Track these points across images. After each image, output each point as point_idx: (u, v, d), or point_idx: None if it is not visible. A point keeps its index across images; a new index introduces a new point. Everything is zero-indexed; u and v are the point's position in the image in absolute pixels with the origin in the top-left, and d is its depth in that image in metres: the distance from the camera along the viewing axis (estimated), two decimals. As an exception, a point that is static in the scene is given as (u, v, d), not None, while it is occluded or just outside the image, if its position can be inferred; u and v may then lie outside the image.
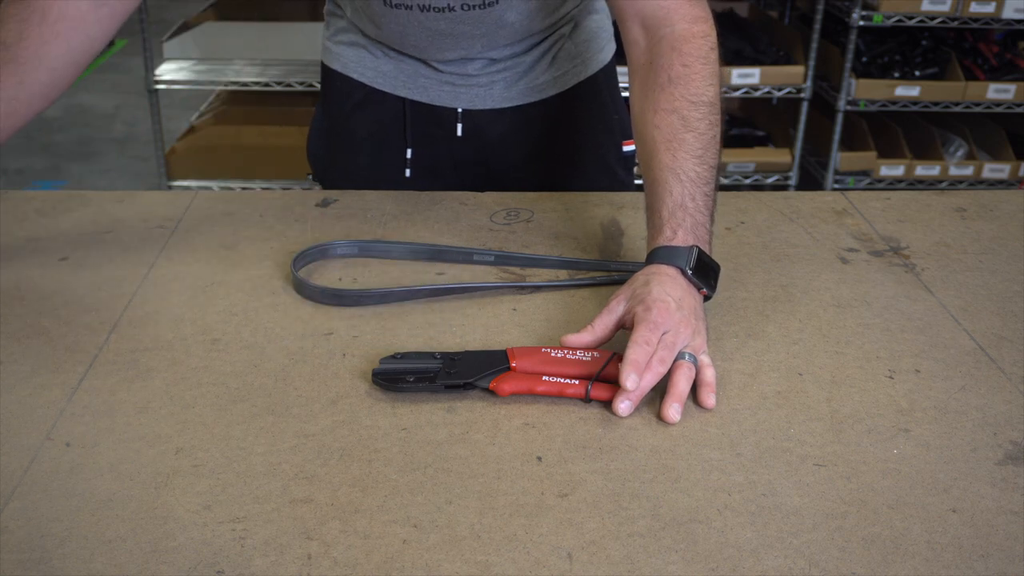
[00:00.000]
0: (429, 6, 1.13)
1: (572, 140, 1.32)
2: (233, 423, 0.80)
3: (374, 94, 1.28)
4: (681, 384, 0.84)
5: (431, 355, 0.86)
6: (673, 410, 0.82)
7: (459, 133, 1.28)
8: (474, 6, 1.13)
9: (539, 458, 0.77)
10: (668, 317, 0.86)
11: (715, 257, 0.94)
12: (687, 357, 0.86)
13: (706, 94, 0.97)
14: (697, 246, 0.92)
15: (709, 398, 0.84)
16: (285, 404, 0.83)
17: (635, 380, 0.82)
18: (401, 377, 0.84)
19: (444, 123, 1.28)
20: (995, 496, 0.74)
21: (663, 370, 0.84)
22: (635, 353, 0.83)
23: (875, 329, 0.96)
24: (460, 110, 1.27)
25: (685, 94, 0.97)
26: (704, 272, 0.92)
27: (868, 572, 0.67)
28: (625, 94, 1.15)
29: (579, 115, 1.31)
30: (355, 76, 1.28)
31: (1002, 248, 1.12)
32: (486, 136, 1.29)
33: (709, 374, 0.86)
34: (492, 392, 0.84)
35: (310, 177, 1.34)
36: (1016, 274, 1.07)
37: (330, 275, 1.04)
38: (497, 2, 1.13)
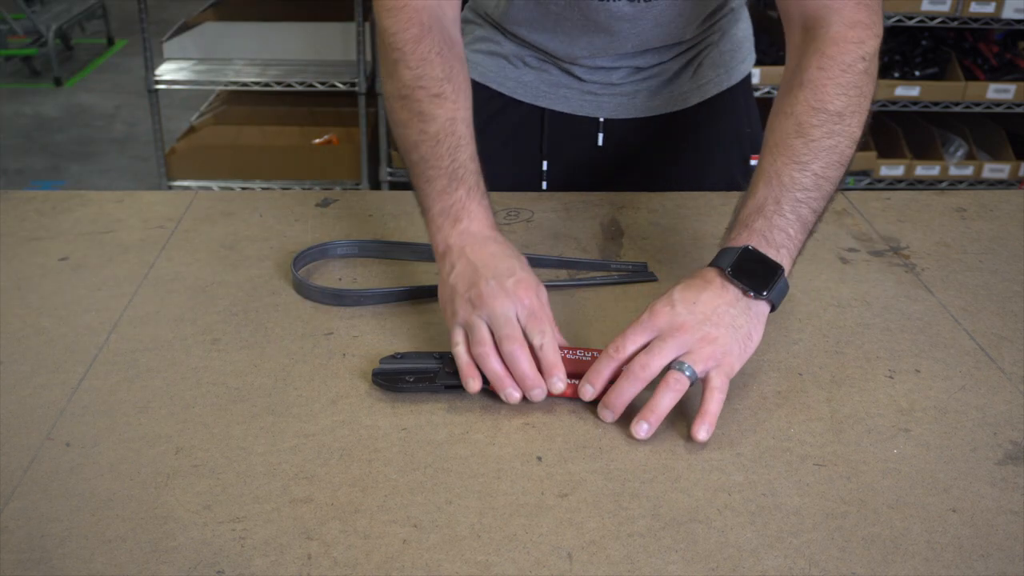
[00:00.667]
0: None
1: (703, 151, 1.29)
2: (233, 423, 0.80)
3: (511, 104, 1.25)
4: (659, 401, 0.78)
5: (431, 355, 0.86)
6: (639, 427, 0.78)
7: (600, 143, 1.26)
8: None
9: (539, 458, 0.77)
10: (660, 320, 0.81)
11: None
12: (684, 369, 0.79)
13: (833, 102, 0.90)
14: (749, 246, 0.84)
15: (699, 430, 0.78)
16: (285, 404, 0.83)
17: (589, 391, 0.80)
18: (401, 377, 0.84)
19: (584, 133, 1.26)
20: (995, 496, 0.74)
21: (644, 375, 0.79)
22: (598, 363, 0.81)
23: (875, 329, 0.96)
24: (602, 120, 1.25)
25: (809, 98, 0.91)
26: (751, 272, 0.83)
27: (868, 572, 0.67)
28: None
29: (714, 126, 1.28)
30: (493, 86, 1.25)
31: (1002, 248, 1.12)
32: (627, 146, 1.26)
33: (713, 401, 0.78)
34: (491, 392, 0.84)
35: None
36: (1016, 274, 1.07)
37: (330, 275, 1.04)
38: None
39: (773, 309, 0.86)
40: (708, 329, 0.81)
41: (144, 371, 0.87)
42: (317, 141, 3.28)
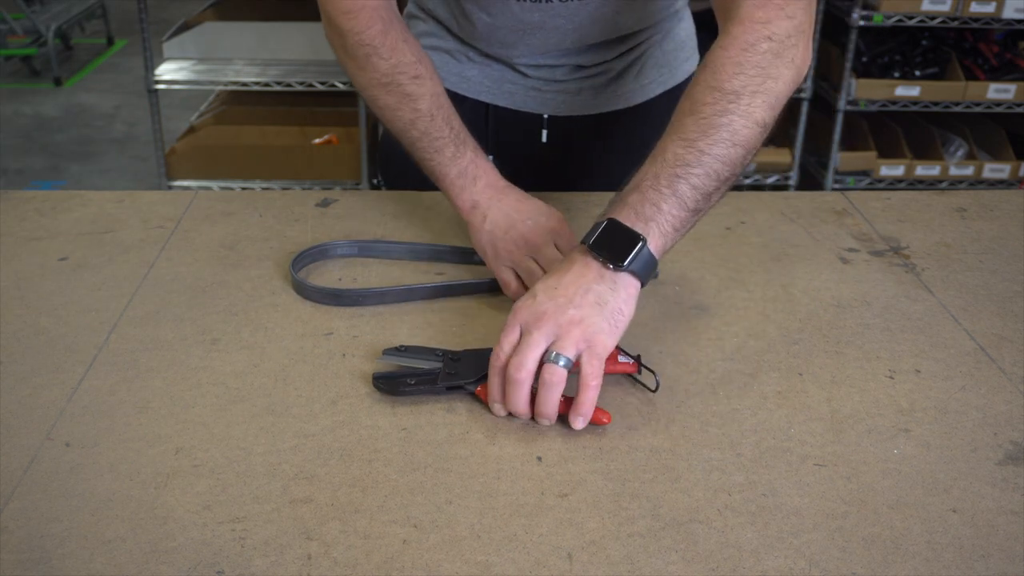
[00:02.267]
0: None
1: (649, 149, 1.27)
2: (233, 423, 0.80)
3: (455, 99, 1.23)
4: (544, 401, 0.78)
5: (433, 352, 0.86)
6: (542, 423, 0.80)
7: (544, 140, 1.26)
8: None
9: (539, 458, 0.77)
10: (522, 315, 0.81)
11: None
12: (558, 360, 0.78)
13: (730, 81, 0.87)
14: (611, 218, 0.83)
15: (575, 421, 0.79)
16: (285, 404, 0.83)
17: (498, 409, 0.81)
18: (402, 380, 0.84)
19: (529, 129, 1.26)
20: (995, 496, 0.74)
21: (522, 376, 0.78)
22: (489, 381, 0.81)
23: (875, 329, 0.95)
24: (546, 116, 1.25)
25: (708, 78, 0.89)
26: (610, 245, 0.82)
27: (868, 572, 0.67)
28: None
29: (659, 125, 1.26)
30: None
31: (1002, 248, 1.12)
32: (571, 143, 1.27)
33: (586, 395, 0.78)
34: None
35: (377, 183, 1.25)
36: (1016, 274, 1.07)
37: (330, 275, 1.04)
38: None
39: (643, 284, 0.84)
40: (572, 312, 0.79)
41: (144, 371, 0.87)
42: (317, 141, 3.27)
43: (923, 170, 3.31)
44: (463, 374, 0.84)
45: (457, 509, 0.72)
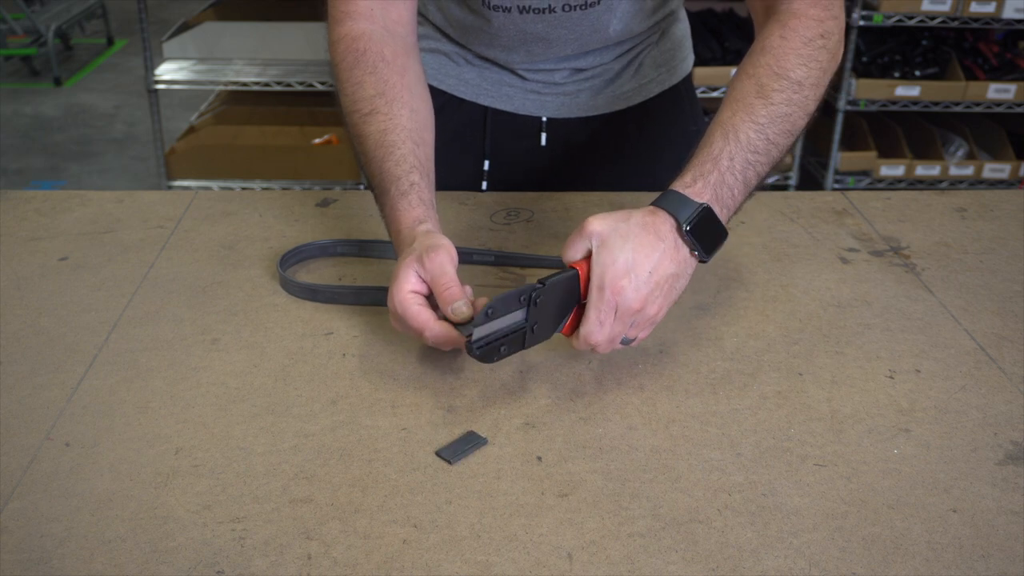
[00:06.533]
0: (529, 7, 1.10)
1: (650, 150, 1.29)
2: (233, 423, 0.80)
3: (452, 102, 1.25)
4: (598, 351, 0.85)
5: (516, 298, 0.81)
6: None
7: (543, 143, 1.26)
8: (575, 7, 1.10)
9: (539, 458, 0.77)
10: (619, 297, 0.82)
11: (714, 257, 0.93)
12: (624, 341, 0.85)
13: (794, 71, 0.91)
14: (708, 205, 0.85)
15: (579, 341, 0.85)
16: (285, 404, 0.83)
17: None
18: (494, 348, 0.81)
19: (527, 132, 1.26)
20: (995, 496, 0.74)
21: (608, 353, 0.86)
22: (577, 344, 0.84)
23: (875, 329, 0.96)
24: (545, 119, 1.25)
25: (771, 63, 0.92)
26: (704, 234, 0.85)
27: (868, 572, 0.67)
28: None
29: (659, 125, 1.29)
30: (435, 84, 1.24)
31: (1002, 248, 1.12)
32: (570, 145, 1.27)
33: (634, 342, 0.86)
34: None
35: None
36: (1016, 274, 1.07)
37: (329, 274, 1.04)
38: (599, 3, 1.10)
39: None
40: (657, 304, 0.84)
41: (144, 371, 0.87)
42: (317, 141, 3.28)
43: (923, 170, 3.31)
44: (547, 325, 0.84)
45: (457, 509, 0.72)
